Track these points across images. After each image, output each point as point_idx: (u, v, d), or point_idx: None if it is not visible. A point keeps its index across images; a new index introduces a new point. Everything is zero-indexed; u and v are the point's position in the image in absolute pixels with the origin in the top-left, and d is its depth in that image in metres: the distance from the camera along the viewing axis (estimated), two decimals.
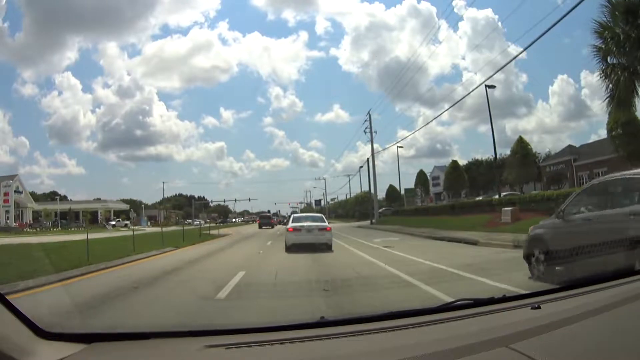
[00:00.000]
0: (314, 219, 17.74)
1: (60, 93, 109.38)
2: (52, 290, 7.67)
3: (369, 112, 50.03)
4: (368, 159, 51.22)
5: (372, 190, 51.38)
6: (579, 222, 6.90)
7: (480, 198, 38.93)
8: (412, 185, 60.58)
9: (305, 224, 16.55)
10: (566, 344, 1.62)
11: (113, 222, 69.93)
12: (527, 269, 7.57)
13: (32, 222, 65.68)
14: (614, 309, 1.97)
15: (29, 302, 6.45)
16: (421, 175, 51.58)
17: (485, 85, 30.58)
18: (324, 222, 17.45)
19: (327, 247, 15.58)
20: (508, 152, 40.95)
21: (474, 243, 16.97)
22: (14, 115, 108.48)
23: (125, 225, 61.58)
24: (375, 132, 49.10)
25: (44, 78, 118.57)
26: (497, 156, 35.13)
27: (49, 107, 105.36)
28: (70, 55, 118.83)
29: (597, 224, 6.49)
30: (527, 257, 7.57)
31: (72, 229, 56.06)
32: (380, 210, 53.26)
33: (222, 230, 39.54)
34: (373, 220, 48.31)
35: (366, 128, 49.24)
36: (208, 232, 32.19)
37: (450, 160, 52.90)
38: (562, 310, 2.03)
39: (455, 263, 10.47)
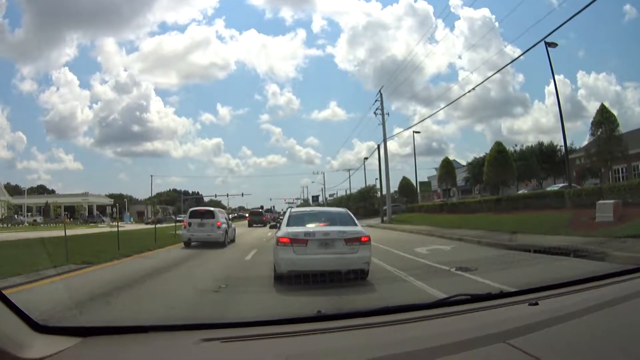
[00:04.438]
0: (330, 218, 9.20)
1: (58, 89, 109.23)
2: None
3: (380, 91, 42.57)
4: (379, 145, 43.28)
5: (384, 182, 43.48)
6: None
7: (525, 191, 31.46)
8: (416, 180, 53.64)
9: (314, 227, 8.46)
10: (564, 340, 1.60)
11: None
12: None
13: (4, 217, 61.71)
14: (611, 307, 1.92)
15: None
16: (446, 165, 42.99)
17: (545, 42, 23.38)
18: (354, 224, 8.88)
19: (358, 276, 7.90)
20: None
21: (598, 259, 9.91)
22: (12, 111, 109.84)
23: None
24: (388, 114, 41.67)
25: (42, 74, 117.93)
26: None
27: (46, 102, 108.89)
28: (69, 51, 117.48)
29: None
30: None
31: (51, 224, 51.99)
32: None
33: None
34: (385, 218, 40.76)
35: (377, 109, 41.68)
36: (174, 232, 24.21)
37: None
38: (560, 307, 1.99)
39: None
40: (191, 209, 19.55)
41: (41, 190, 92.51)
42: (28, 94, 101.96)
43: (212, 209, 19.80)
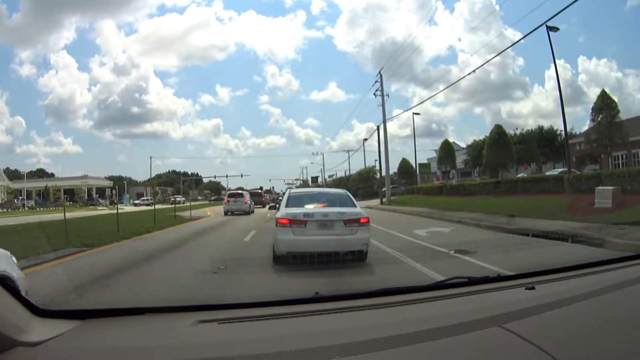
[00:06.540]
0: (329, 200, 9.09)
1: (56, 72, 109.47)
2: None
3: (379, 72, 42.19)
4: (378, 126, 43.00)
5: (383, 163, 43.35)
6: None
7: (525, 175, 31.44)
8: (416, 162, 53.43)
9: (314, 208, 8.37)
10: (559, 325, 1.60)
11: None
12: None
13: (4, 201, 62.23)
14: (608, 293, 1.92)
15: None
16: (446, 147, 42.68)
17: (547, 26, 23.12)
18: (354, 205, 8.79)
19: (356, 257, 7.95)
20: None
21: (596, 245, 9.90)
22: (10, 95, 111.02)
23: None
24: (387, 95, 41.47)
25: (41, 58, 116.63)
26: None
27: (45, 86, 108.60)
28: (67, 34, 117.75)
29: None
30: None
31: (51, 208, 52.38)
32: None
33: (200, 212, 32.70)
34: (384, 200, 40.83)
35: (377, 90, 41.34)
36: (174, 214, 24.56)
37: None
38: (556, 292, 1.98)
39: None
40: (229, 192, 33.32)
41: (40, 174, 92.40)
42: (27, 78, 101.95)
43: (241, 191, 33.06)
